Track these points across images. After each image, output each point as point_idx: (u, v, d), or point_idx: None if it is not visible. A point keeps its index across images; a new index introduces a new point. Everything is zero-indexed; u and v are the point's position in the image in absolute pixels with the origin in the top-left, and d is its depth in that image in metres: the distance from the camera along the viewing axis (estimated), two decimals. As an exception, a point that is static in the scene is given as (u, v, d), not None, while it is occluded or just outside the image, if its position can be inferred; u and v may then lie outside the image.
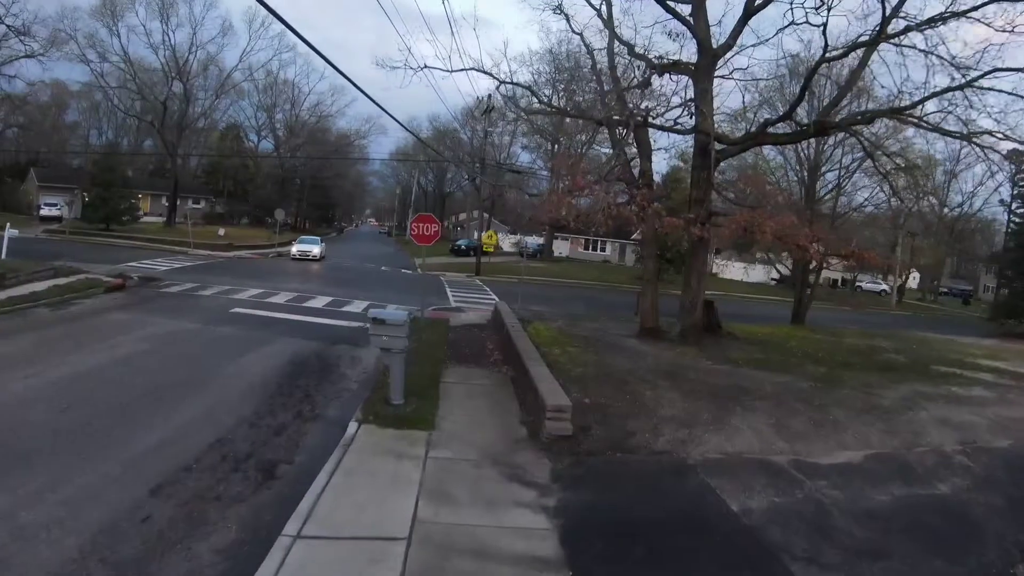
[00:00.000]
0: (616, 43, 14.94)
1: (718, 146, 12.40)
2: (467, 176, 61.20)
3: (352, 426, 7.62)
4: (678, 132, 13.15)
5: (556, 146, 43.22)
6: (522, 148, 59.48)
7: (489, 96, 34.11)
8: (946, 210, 48.62)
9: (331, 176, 68.26)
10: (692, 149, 14.58)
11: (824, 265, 24.94)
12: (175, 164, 47.71)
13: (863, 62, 12.14)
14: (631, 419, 7.96)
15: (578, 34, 15.96)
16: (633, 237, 54.37)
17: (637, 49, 14.68)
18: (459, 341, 13.43)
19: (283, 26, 8.70)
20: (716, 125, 13.50)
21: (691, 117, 13.25)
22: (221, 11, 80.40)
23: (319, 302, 18.59)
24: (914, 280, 60.13)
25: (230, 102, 56.60)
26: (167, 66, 43.89)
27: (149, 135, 57.01)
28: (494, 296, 25.04)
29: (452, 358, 11.56)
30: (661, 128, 12.78)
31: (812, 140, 24.60)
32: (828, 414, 9.33)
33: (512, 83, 14.05)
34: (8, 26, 33.92)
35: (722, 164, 15.25)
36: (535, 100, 18.31)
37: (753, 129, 14.98)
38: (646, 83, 14.35)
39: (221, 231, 41.40)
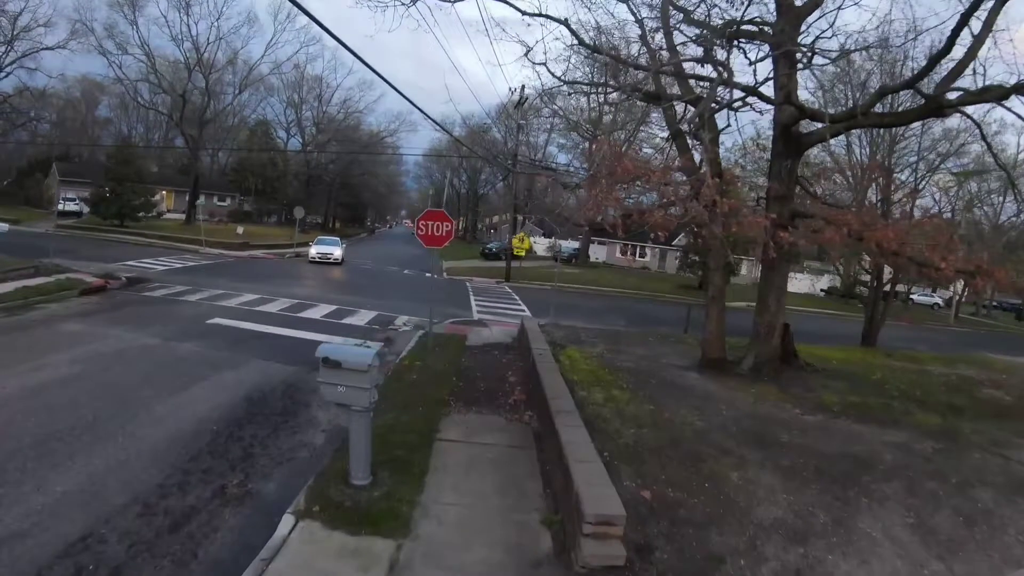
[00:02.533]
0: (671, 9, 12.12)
1: (810, 126, 9.42)
2: (500, 176, 58.69)
3: (286, 521, 5.04)
4: (766, 100, 10.11)
5: (593, 145, 40.31)
6: (558, 148, 56.54)
7: (522, 87, 31.92)
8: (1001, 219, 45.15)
9: (361, 175, 66.51)
10: (743, 141, 11.57)
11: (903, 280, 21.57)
12: (195, 159, 46.28)
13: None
14: (715, 529, 5.08)
15: (623, 1, 13.27)
16: (675, 242, 50.97)
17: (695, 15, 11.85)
18: (473, 369, 10.78)
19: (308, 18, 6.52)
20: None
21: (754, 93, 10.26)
22: (245, 1, 79.35)
23: (319, 312, 16.16)
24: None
25: (260, 98, 55.42)
26: (188, 58, 42.49)
27: (180, 131, 56.15)
28: (523, 306, 22.41)
29: (459, 397, 8.89)
30: (746, 91, 9.65)
31: (875, 132, 21.59)
32: (975, 499, 6.66)
33: (542, 15, 10.89)
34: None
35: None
36: (566, 79, 15.23)
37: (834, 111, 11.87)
38: (707, 55, 11.49)
39: (239, 229, 39.65)
